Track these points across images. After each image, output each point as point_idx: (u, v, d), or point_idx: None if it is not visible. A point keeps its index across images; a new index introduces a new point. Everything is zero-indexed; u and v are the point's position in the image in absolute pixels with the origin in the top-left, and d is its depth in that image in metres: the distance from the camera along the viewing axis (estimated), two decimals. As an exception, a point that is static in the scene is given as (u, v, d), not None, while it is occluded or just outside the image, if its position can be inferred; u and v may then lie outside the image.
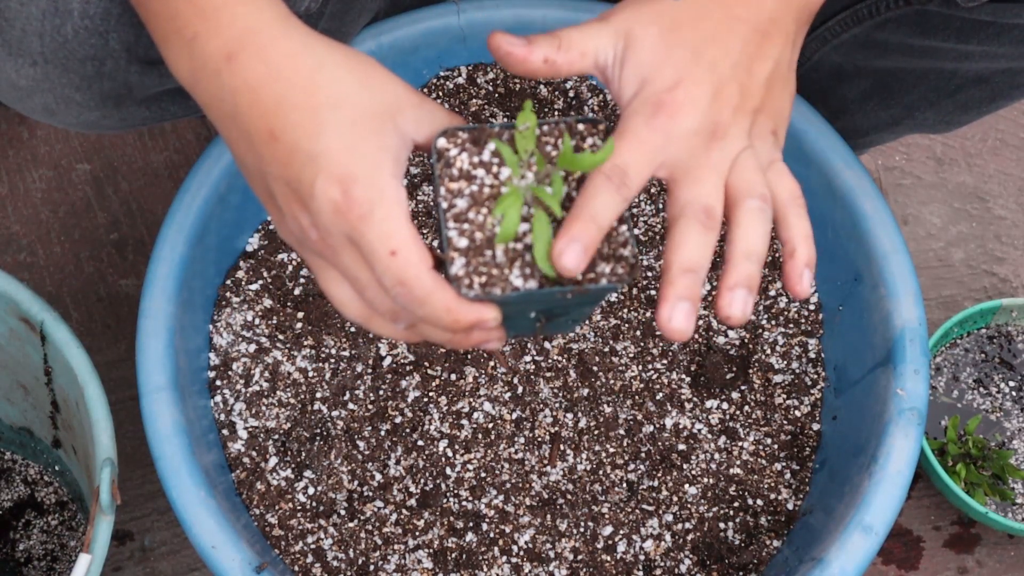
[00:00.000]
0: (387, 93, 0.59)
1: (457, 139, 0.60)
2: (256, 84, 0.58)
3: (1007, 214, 1.28)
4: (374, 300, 0.60)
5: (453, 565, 0.87)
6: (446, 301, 0.57)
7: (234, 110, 0.59)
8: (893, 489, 0.82)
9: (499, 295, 0.58)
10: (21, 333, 0.90)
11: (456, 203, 0.59)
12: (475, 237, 0.58)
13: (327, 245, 0.59)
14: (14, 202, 1.19)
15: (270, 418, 0.90)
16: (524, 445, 0.91)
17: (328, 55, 0.59)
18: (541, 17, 0.98)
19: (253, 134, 0.59)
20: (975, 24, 0.84)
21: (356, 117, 0.58)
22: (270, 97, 0.58)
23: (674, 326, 0.58)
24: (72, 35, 0.69)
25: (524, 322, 0.63)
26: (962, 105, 0.95)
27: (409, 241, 0.57)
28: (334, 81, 0.58)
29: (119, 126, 0.82)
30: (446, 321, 0.58)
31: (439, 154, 0.60)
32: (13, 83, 0.73)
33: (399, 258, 0.57)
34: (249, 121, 0.58)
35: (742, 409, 0.93)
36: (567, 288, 0.58)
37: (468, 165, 0.59)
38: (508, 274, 0.58)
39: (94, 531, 0.80)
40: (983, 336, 1.16)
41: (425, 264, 0.57)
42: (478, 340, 0.61)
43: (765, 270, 0.97)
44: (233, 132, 0.60)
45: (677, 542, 0.89)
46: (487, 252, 0.58)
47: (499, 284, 0.58)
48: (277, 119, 0.58)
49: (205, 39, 0.59)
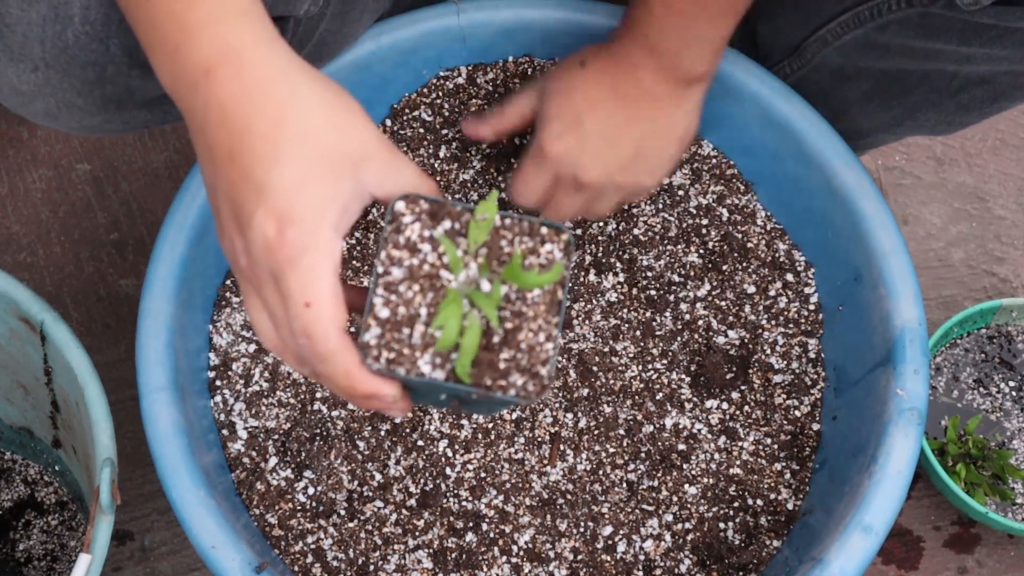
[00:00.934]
0: (356, 140, 0.59)
1: (416, 207, 0.59)
2: (227, 103, 0.58)
3: (1007, 214, 1.28)
4: (285, 339, 0.60)
5: (453, 565, 0.87)
6: (346, 365, 0.57)
7: (204, 123, 0.59)
8: (893, 489, 0.82)
9: (403, 375, 0.57)
10: (21, 333, 0.90)
11: (392, 271, 0.58)
12: (398, 311, 0.58)
13: (254, 275, 0.59)
14: (14, 202, 1.19)
15: (270, 418, 0.90)
16: (524, 445, 0.91)
17: (305, 87, 0.58)
18: (541, 17, 0.98)
19: (215, 150, 0.58)
20: (977, 27, 0.84)
21: (316, 157, 0.57)
22: (238, 119, 0.57)
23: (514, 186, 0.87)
24: (73, 41, 0.70)
25: (435, 399, 0.62)
26: (964, 107, 0.95)
27: (327, 297, 0.57)
28: (304, 115, 0.58)
29: (120, 129, 0.82)
30: (342, 384, 0.58)
31: (393, 216, 0.59)
32: (15, 88, 0.73)
33: (311, 311, 0.56)
34: (214, 137, 0.58)
35: (742, 409, 0.93)
36: (472, 389, 0.57)
37: (417, 237, 0.58)
38: (418, 358, 0.57)
39: (94, 531, 0.80)
40: (983, 336, 1.16)
41: (335, 324, 0.57)
42: (376, 407, 0.61)
43: (765, 270, 0.97)
44: (200, 143, 0.60)
45: (677, 542, 0.89)
46: (404, 330, 0.57)
47: (406, 365, 0.57)
48: (239, 142, 0.57)
49: (186, 52, 0.59)
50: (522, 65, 1.02)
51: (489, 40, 0.99)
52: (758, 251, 0.98)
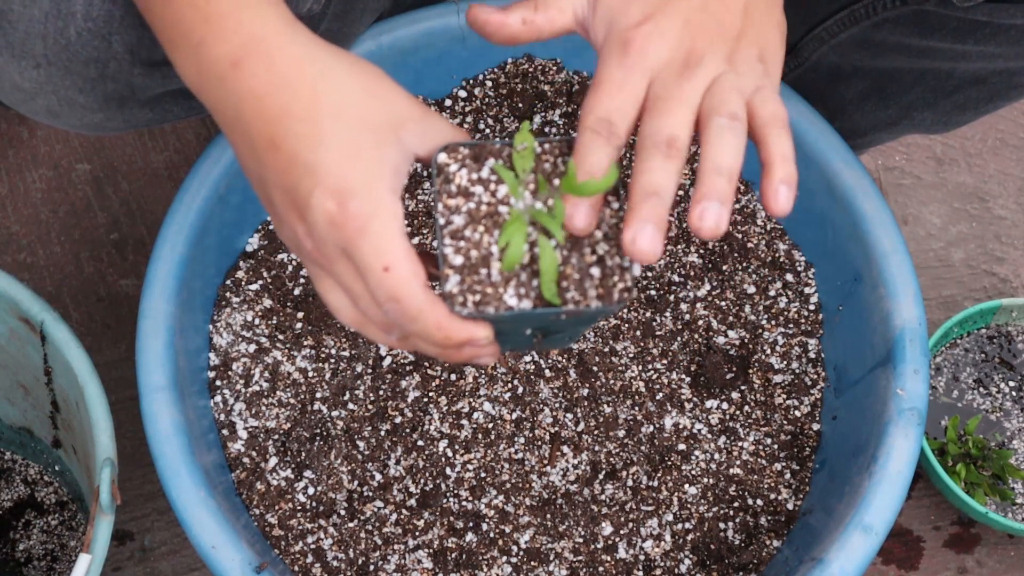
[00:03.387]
0: (391, 105, 0.59)
1: (458, 155, 0.60)
2: (260, 92, 0.58)
3: (1007, 214, 1.28)
4: (367, 311, 0.60)
5: (453, 565, 0.87)
6: (437, 318, 0.57)
7: (238, 116, 0.59)
8: (893, 489, 0.82)
9: (492, 314, 0.58)
10: (21, 333, 0.90)
11: (453, 220, 0.58)
12: (470, 255, 0.58)
13: (322, 255, 0.59)
14: (14, 202, 1.19)
15: (270, 418, 0.90)
16: (524, 445, 0.91)
17: (334, 63, 0.59)
18: (541, 17, 0.98)
19: (255, 141, 0.59)
20: (971, 24, 0.85)
21: (358, 128, 0.58)
22: (273, 105, 0.58)
23: (639, 247, 0.56)
24: (75, 37, 0.70)
25: (520, 338, 0.63)
26: (960, 105, 0.96)
27: (403, 257, 0.57)
28: (337, 90, 0.58)
29: (122, 127, 0.82)
30: (437, 337, 0.58)
31: (439, 169, 0.59)
32: (16, 85, 0.73)
33: (392, 274, 0.56)
34: (252, 128, 0.58)
35: (742, 409, 0.93)
36: (562, 309, 0.58)
37: (467, 182, 0.59)
38: (502, 293, 0.58)
39: (94, 531, 0.80)
40: (983, 336, 1.16)
41: (418, 280, 0.57)
42: (469, 355, 0.60)
43: (765, 270, 0.97)
44: (236, 137, 0.60)
45: (677, 542, 0.89)
46: (482, 270, 0.58)
47: (493, 303, 0.58)
48: (279, 127, 0.57)
49: (211, 44, 0.59)
50: (522, 65, 1.02)
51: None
52: (758, 251, 0.98)
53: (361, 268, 0.57)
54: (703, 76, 0.60)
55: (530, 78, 1.02)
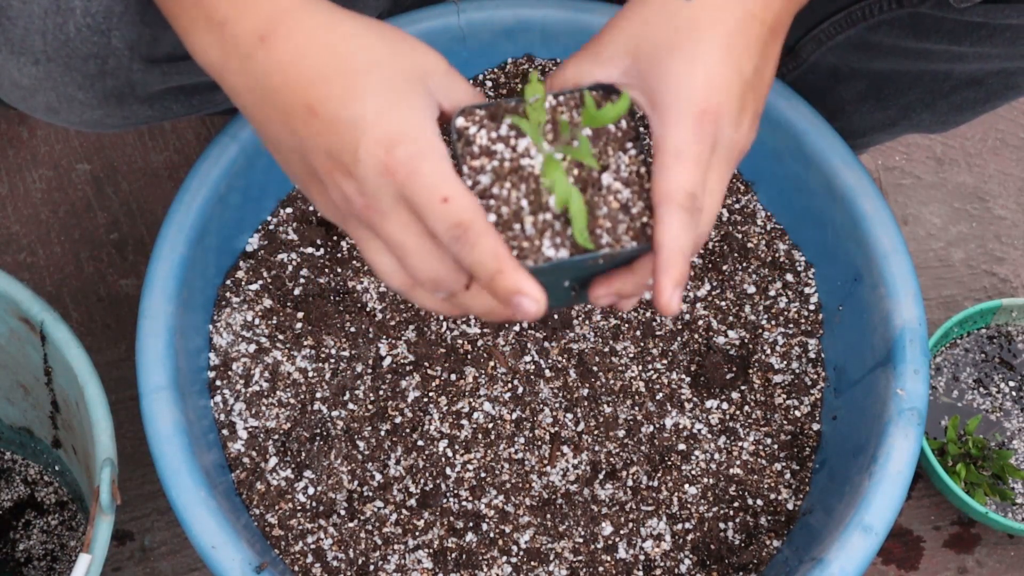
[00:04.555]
0: (418, 57, 0.61)
1: (475, 116, 0.61)
2: (290, 61, 0.59)
3: (1007, 214, 1.28)
4: (417, 268, 0.60)
5: (453, 565, 0.87)
6: (494, 245, 0.58)
7: (268, 91, 0.59)
8: (893, 489, 0.82)
9: (532, 266, 0.58)
10: (21, 333, 0.90)
11: (480, 180, 0.59)
12: (502, 212, 0.59)
13: (374, 211, 0.59)
14: (14, 202, 1.19)
15: (270, 418, 0.90)
16: (524, 445, 0.91)
17: (358, 25, 0.60)
18: (541, 17, 0.98)
19: (290, 112, 0.59)
20: (967, 26, 0.85)
21: (392, 79, 0.59)
22: (306, 72, 0.59)
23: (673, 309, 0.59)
24: (74, 33, 0.69)
25: (559, 292, 0.63)
26: (957, 106, 0.96)
27: (460, 188, 0.58)
28: (367, 48, 0.59)
29: (121, 124, 0.82)
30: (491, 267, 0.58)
31: (459, 133, 0.60)
32: (15, 82, 0.73)
33: (452, 203, 0.57)
34: (285, 99, 0.59)
35: (742, 409, 0.93)
36: (599, 253, 0.59)
37: (487, 141, 0.60)
38: (540, 245, 0.59)
39: (94, 531, 0.80)
40: (983, 336, 1.16)
41: (477, 205, 0.58)
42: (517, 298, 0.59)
43: (765, 270, 0.97)
44: (266, 113, 0.61)
45: (677, 542, 0.89)
46: (515, 226, 0.59)
47: (531, 255, 0.59)
48: (314, 92, 0.58)
49: (236, 22, 0.59)
50: (522, 65, 1.02)
51: (489, 40, 0.99)
52: (758, 251, 0.98)
53: (419, 207, 0.58)
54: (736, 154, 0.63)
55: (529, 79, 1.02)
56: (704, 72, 0.60)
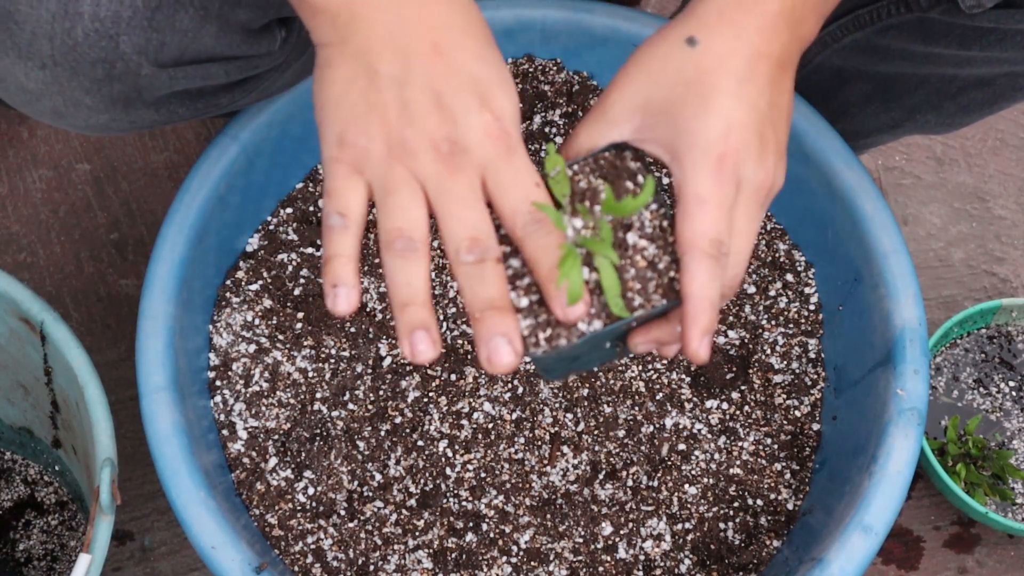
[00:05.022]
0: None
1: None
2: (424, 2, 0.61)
3: (1007, 214, 1.28)
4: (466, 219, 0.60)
5: (453, 565, 0.87)
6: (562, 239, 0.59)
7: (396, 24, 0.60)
8: (893, 489, 0.82)
9: (566, 344, 0.59)
10: (21, 333, 0.90)
11: (511, 263, 0.60)
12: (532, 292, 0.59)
13: (451, 163, 0.60)
14: (14, 202, 1.19)
15: (270, 418, 0.90)
16: (524, 445, 0.91)
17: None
18: (541, 17, 0.98)
19: (414, 44, 0.60)
20: (977, 31, 0.84)
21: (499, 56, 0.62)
22: (437, 13, 0.61)
23: (703, 358, 0.61)
24: (82, 38, 0.69)
25: (602, 352, 0.64)
26: (963, 108, 0.95)
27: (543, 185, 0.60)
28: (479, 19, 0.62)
29: (127, 129, 0.81)
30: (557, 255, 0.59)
31: None
32: (22, 86, 0.73)
33: (542, 190, 0.59)
34: (413, 32, 0.60)
35: (742, 409, 0.93)
36: (632, 317, 0.59)
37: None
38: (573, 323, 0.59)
39: (94, 531, 0.80)
40: (983, 336, 1.16)
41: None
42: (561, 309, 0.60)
43: (765, 270, 0.97)
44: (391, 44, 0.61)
45: (677, 542, 0.89)
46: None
47: (565, 335, 0.59)
48: (444, 35, 0.60)
49: None
50: (522, 65, 1.02)
51: (489, 40, 0.99)
52: (758, 251, 0.98)
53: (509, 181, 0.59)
54: (763, 196, 0.64)
55: (530, 78, 1.02)
56: (719, 117, 0.61)
